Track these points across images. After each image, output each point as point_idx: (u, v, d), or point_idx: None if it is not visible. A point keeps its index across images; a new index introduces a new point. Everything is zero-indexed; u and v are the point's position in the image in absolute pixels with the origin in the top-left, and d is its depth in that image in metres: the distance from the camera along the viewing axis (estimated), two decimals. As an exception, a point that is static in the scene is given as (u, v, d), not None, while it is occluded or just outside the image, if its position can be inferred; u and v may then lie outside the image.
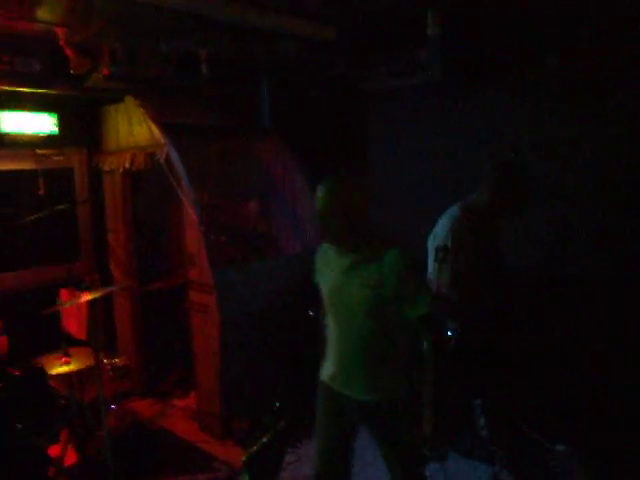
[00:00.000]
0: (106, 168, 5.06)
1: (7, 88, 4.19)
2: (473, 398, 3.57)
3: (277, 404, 2.58)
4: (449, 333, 3.28)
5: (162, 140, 4.29)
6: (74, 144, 5.10)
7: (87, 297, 3.46)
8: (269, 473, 2.09)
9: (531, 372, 3.99)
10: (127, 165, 4.75)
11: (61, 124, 4.85)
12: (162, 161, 4.34)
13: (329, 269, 2.79)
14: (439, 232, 3.37)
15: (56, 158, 4.99)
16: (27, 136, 4.71)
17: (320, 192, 2.56)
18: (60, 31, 3.62)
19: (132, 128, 4.75)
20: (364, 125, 5.01)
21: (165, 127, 4.31)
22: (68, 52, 3.82)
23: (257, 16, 3.52)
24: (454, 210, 3.42)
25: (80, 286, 3.87)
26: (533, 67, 3.87)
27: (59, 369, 3.75)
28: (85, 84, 4.10)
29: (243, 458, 2.06)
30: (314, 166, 4.82)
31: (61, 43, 3.75)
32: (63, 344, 3.90)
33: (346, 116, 5.01)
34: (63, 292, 4.43)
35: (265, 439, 2.16)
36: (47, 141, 4.85)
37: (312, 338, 4.44)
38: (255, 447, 2.11)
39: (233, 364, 4.34)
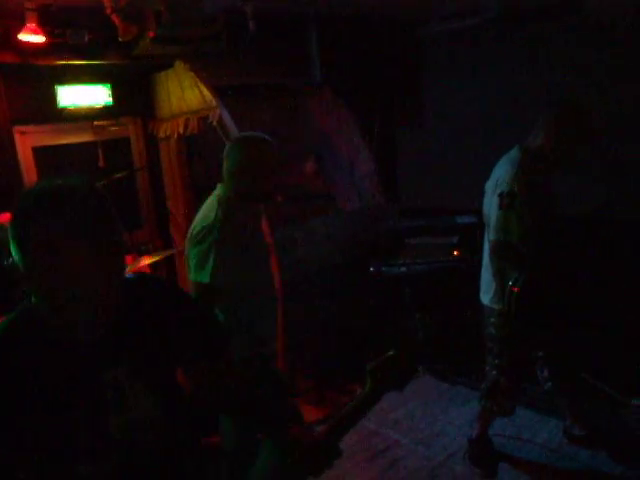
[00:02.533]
0: (161, 135, 5.08)
1: (61, 62, 4.22)
2: (535, 350, 3.44)
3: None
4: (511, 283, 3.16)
5: (213, 102, 4.26)
6: (129, 113, 5.13)
7: (146, 260, 3.50)
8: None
9: (594, 323, 3.82)
10: (181, 130, 4.76)
11: (115, 94, 4.87)
12: (215, 123, 4.32)
13: None
14: (502, 176, 3.21)
15: (113, 129, 5.03)
16: (84, 109, 4.76)
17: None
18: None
19: (183, 93, 4.74)
20: (420, 72, 4.83)
21: (216, 89, 4.27)
22: (115, 19, 3.80)
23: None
24: (515, 154, 3.25)
25: (140, 250, 3.93)
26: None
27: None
28: (134, 52, 4.09)
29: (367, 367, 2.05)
30: (369, 119, 4.70)
31: (108, 12, 3.73)
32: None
33: (401, 64, 4.83)
34: (127, 259, 4.51)
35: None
36: (103, 112, 4.89)
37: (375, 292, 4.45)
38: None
39: (295, 324, 4.34)
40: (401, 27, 4.50)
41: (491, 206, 3.23)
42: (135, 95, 5.10)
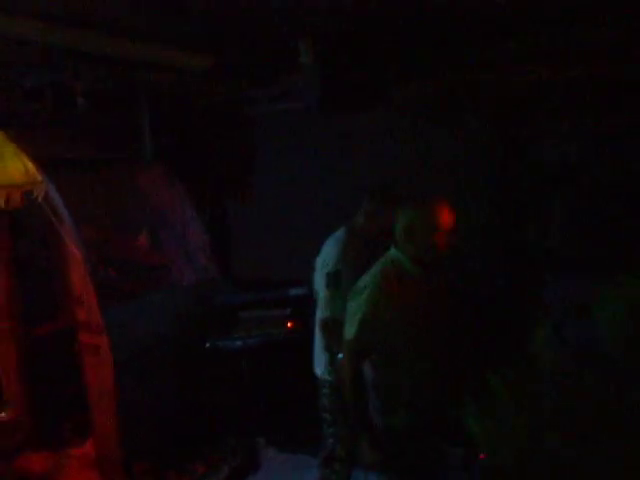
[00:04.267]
0: (-21, 208, 4.75)
1: None
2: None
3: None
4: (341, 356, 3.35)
5: (39, 177, 4.09)
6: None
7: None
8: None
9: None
10: (2, 204, 4.48)
11: None
12: (40, 199, 4.13)
13: None
14: (328, 257, 3.42)
15: None
16: None
17: None
18: None
19: (5, 164, 4.48)
20: (250, 149, 5.03)
21: (42, 162, 4.11)
22: None
23: (133, 48, 3.47)
24: (341, 234, 3.49)
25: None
26: (404, 90, 4.05)
27: None
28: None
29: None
30: (202, 193, 4.79)
31: None
32: None
33: (232, 140, 5.02)
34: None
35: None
36: None
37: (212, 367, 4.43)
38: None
39: (130, 404, 4.19)
40: (230, 106, 4.70)
41: (319, 283, 3.42)
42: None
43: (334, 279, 3.29)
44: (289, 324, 4.45)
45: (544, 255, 3.86)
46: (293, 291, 4.57)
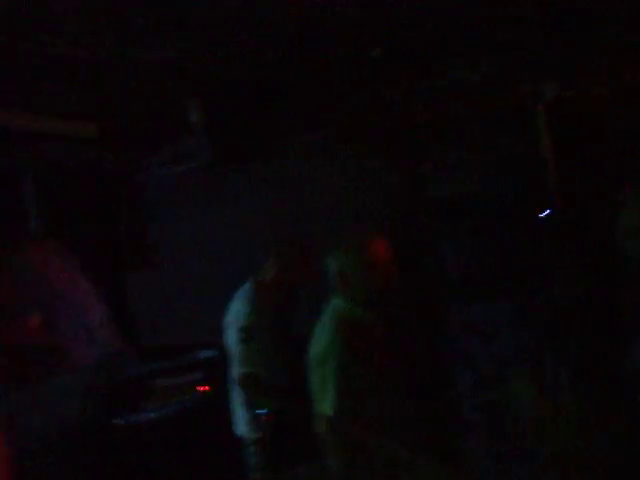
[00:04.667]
0: None
1: None
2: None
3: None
4: (262, 412, 3.29)
5: None
6: None
7: None
8: None
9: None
10: None
11: None
12: None
13: None
14: (238, 313, 3.41)
15: None
16: None
17: None
18: None
19: None
20: (145, 214, 4.94)
21: None
22: None
23: (13, 117, 3.36)
24: (247, 288, 3.49)
25: None
26: (298, 138, 4.18)
27: None
28: None
29: None
30: (97, 265, 4.60)
31: None
32: None
33: (125, 208, 4.91)
34: None
35: None
36: None
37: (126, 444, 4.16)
38: None
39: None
40: (120, 173, 4.62)
41: (232, 340, 3.38)
42: None
43: (248, 332, 3.27)
44: (203, 388, 4.31)
45: (445, 287, 4.04)
46: (204, 354, 4.45)
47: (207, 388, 4.32)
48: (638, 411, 2.58)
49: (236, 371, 3.34)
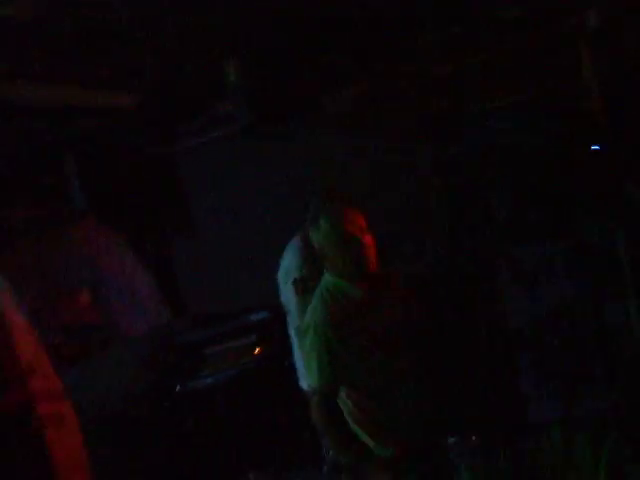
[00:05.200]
0: None
1: None
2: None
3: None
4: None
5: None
6: None
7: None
8: None
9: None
10: None
11: None
12: (-29, 272, 3.87)
13: None
14: (290, 266, 3.40)
15: None
16: None
17: None
18: None
19: None
20: (185, 186, 4.97)
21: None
22: None
23: (52, 92, 3.37)
24: (296, 242, 3.49)
25: None
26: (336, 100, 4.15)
27: None
28: None
29: None
30: (141, 238, 4.67)
31: None
32: None
33: (164, 180, 4.94)
34: None
35: None
36: None
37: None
38: None
39: (106, 476, 3.92)
40: (157, 143, 4.64)
41: (288, 295, 3.39)
42: None
43: (303, 284, 3.27)
44: (257, 350, 4.35)
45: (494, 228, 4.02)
46: (255, 316, 4.48)
47: (262, 350, 4.35)
48: None
49: (296, 324, 3.35)
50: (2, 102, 3.33)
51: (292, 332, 3.47)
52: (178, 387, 4.18)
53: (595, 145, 3.77)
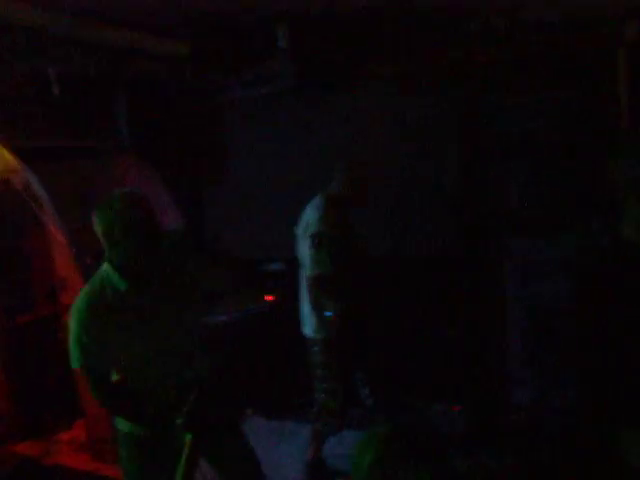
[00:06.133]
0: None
1: None
2: (355, 372, 3.88)
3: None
4: (329, 314, 3.60)
5: (18, 166, 4.13)
6: None
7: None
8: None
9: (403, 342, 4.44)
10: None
11: None
12: (20, 187, 4.18)
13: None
14: (310, 221, 3.65)
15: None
16: None
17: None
18: None
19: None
20: (223, 133, 5.20)
21: (20, 152, 4.15)
22: None
23: (109, 33, 3.61)
24: (318, 200, 3.74)
25: None
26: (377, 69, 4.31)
27: None
28: None
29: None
30: (176, 178, 4.93)
31: None
32: None
33: (205, 126, 5.17)
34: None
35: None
36: None
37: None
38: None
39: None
40: (203, 93, 4.85)
41: (303, 247, 3.65)
42: None
43: (318, 239, 3.52)
44: (268, 297, 4.66)
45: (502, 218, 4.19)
46: (272, 267, 4.78)
47: (272, 298, 4.67)
48: None
49: (307, 273, 3.61)
50: (70, 39, 3.56)
51: (302, 283, 3.75)
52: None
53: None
